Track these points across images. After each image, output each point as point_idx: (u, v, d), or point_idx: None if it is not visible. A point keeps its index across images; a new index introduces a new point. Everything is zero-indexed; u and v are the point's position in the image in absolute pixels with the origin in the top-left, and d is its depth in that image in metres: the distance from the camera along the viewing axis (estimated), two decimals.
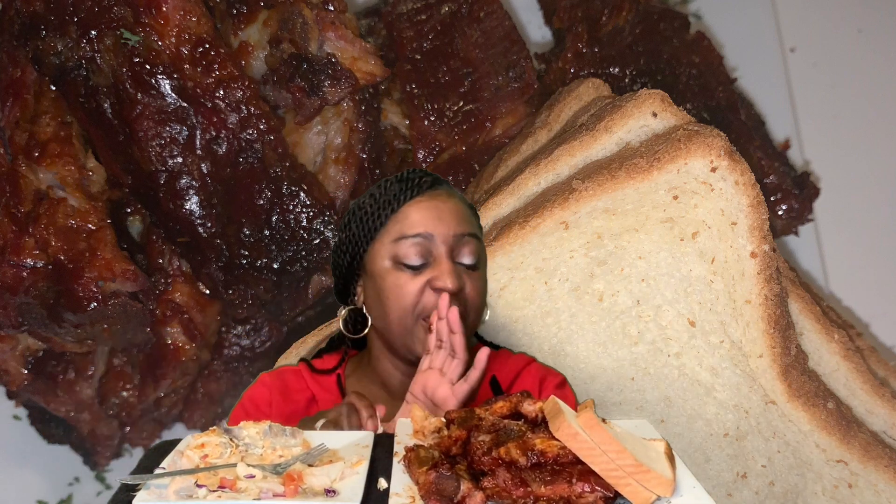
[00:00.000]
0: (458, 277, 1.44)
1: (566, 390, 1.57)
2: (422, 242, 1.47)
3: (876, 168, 2.96)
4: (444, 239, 1.47)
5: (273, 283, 2.25)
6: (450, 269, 1.45)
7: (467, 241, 1.49)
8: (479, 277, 1.51)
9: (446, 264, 1.45)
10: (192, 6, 2.11)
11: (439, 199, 1.51)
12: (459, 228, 1.49)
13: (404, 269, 1.47)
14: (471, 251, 1.49)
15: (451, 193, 1.55)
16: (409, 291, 1.45)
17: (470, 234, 1.50)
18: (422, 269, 1.46)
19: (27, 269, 2.13)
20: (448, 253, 1.47)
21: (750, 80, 2.94)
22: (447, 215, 1.49)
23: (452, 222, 1.49)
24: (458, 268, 1.47)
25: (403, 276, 1.46)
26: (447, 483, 1.00)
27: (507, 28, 2.47)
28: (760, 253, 1.60)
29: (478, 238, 1.52)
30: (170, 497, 1.00)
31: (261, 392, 1.55)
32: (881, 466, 1.69)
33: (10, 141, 2.24)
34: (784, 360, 1.65)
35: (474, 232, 1.52)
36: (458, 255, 1.48)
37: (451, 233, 1.47)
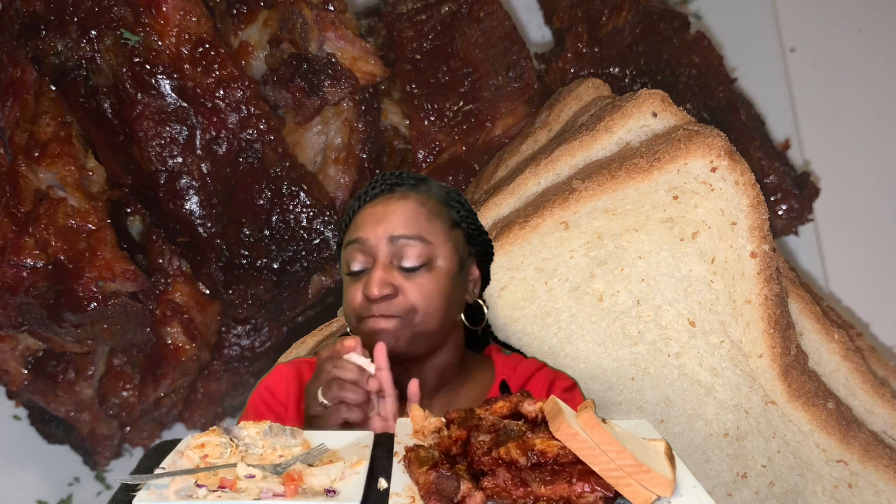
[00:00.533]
0: (383, 285, 1.42)
1: (575, 393, 1.57)
2: (359, 247, 1.48)
3: (876, 168, 2.96)
4: (378, 242, 1.46)
5: (273, 283, 2.25)
6: (378, 276, 1.43)
7: (407, 244, 1.46)
8: (428, 279, 1.46)
9: (376, 272, 1.44)
10: (192, 6, 2.11)
11: (388, 203, 1.50)
12: (399, 231, 1.46)
13: (351, 274, 1.49)
14: (413, 254, 1.46)
15: (406, 195, 1.52)
16: (350, 298, 1.48)
17: (412, 237, 1.46)
18: (363, 275, 1.47)
19: (27, 269, 2.13)
20: (384, 257, 1.46)
21: (750, 80, 2.94)
22: (390, 218, 1.48)
23: (392, 225, 1.47)
24: (395, 273, 1.45)
25: (349, 281, 1.50)
26: (447, 483, 1.00)
27: (507, 28, 2.47)
28: (760, 253, 1.60)
29: (421, 240, 1.47)
30: (170, 497, 1.00)
31: (278, 382, 1.55)
32: (881, 466, 1.69)
33: (10, 141, 2.24)
34: (784, 360, 1.65)
35: (416, 234, 1.47)
36: (399, 258, 1.46)
37: (386, 235, 1.46)
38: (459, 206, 1.58)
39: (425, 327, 1.46)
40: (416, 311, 1.44)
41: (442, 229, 1.51)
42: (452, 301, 1.51)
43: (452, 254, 1.52)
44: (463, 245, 1.56)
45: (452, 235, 1.53)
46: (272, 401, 1.52)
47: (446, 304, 1.49)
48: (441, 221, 1.52)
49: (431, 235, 1.49)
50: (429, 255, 1.47)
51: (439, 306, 1.47)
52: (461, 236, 1.56)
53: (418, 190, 1.54)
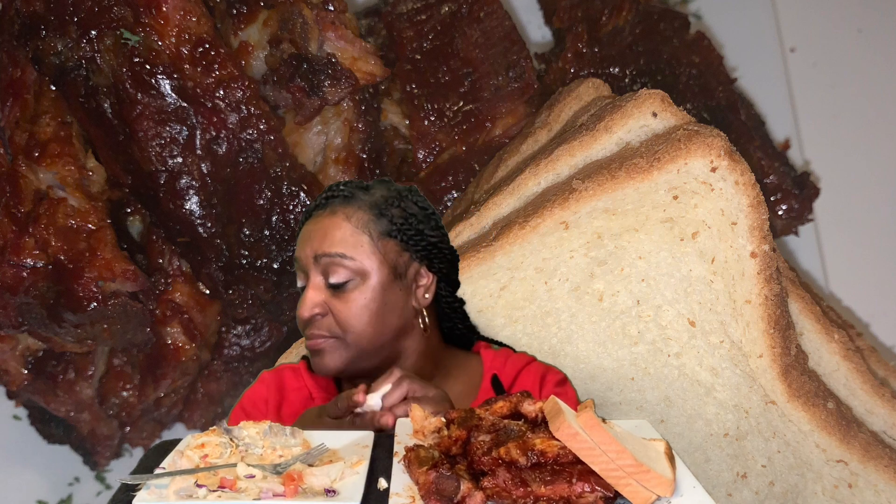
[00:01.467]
0: (311, 306, 1.45)
1: (567, 388, 1.57)
2: (297, 265, 1.52)
3: (876, 168, 2.96)
4: (307, 262, 1.49)
5: (273, 283, 2.25)
6: (308, 296, 1.46)
7: (330, 262, 1.46)
8: (355, 295, 1.46)
9: (308, 291, 1.48)
10: (192, 6, 2.11)
11: (318, 220, 1.52)
12: (322, 249, 1.47)
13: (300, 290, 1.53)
14: (336, 271, 1.46)
15: (334, 211, 1.51)
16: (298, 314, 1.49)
17: (333, 255, 1.46)
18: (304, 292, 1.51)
19: (27, 269, 2.13)
20: (316, 275, 1.48)
21: (750, 80, 2.94)
22: (315, 235, 1.49)
23: (316, 243, 1.48)
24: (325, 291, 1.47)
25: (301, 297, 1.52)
26: (447, 483, 1.00)
27: (507, 28, 2.47)
28: (760, 253, 1.60)
29: (343, 257, 1.46)
30: (170, 497, 1.00)
31: (259, 390, 1.57)
32: (881, 466, 1.69)
33: (10, 141, 2.24)
34: (784, 360, 1.65)
35: (339, 252, 1.46)
36: (327, 275, 1.47)
37: (311, 254, 1.48)
38: (397, 213, 1.53)
39: (359, 344, 1.47)
40: (346, 328, 1.46)
41: (367, 242, 1.49)
42: (388, 312, 1.49)
43: (381, 265, 1.49)
44: (398, 253, 1.51)
45: (381, 245, 1.50)
46: (252, 410, 1.54)
47: (379, 318, 1.48)
48: (367, 233, 1.49)
49: (354, 250, 1.47)
50: (354, 271, 1.46)
51: (369, 321, 1.47)
52: (394, 245, 1.51)
53: (348, 203, 1.52)
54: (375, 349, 1.49)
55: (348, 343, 1.46)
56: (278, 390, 1.56)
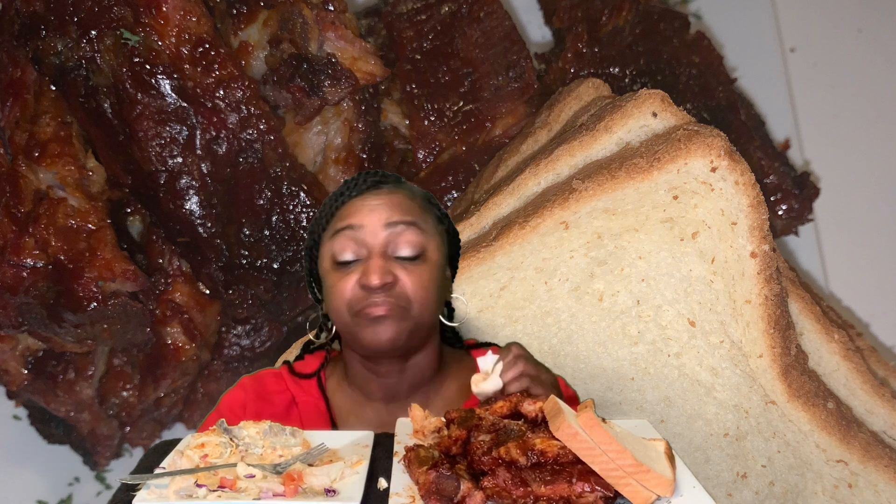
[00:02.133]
0: (384, 273, 1.39)
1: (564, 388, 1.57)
2: (352, 235, 1.44)
3: (876, 168, 2.96)
4: (373, 229, 1.43)
5: (273, 283, 2.25)
6: (377, 264, 1.40)
7: (402, 231, 1.43)
8: (423, 269, 1.44)
9: (374, 260, 1.41)
10: (192, 6, 2.11)
11: (378, 194, 1.48)
12: (393, 217, 1.43)
13: (339, 267, 1.45)
14: (408, 241, 1.43)
15: (395, 188, 1.50)
16: (343, 289, 1.42)
17: (406, 223, 1.44)
18: (355, 266, 1.43)
19: (27, 269, 2.13)
20: (380, 245, 1.42)
21: (750, 80, 2.94)
22: (381, 207, 1.45)
23: (386, 212, 1.44)
24: (392, 262, 1.42)
25: (338, 274, 1.44)
26: (447, 483, 1.00)
27: (507, 28, 2.47)
28: (760, 253, 1.60)
29: (417, 227, 1.45)
30: (170, 497, 1.00)
31: (237, 395, 1.53)
32: (881, 466, 1.69)
33: (10, 141, 2.24)
34: (784, 360, 1.65)
35: (412, 220, 1.45)
36: (394, 247, 1.43)
37: (381, 222, 1.43)
38: (438, 206, 1.58)
39: (421, 319, 1.43)
40: (412, 301, 1.41)
41: (432, 222, 1.51)
42: (440, 294, 1.50)
43: (440, 247, 1.51)
44: (444, 242, 1.55)
45: (439, 230, 1.53)
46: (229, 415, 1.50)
47: (437, 297, 1.47)
48: (429, 215, 1.52)
49: (425, 224, 1.48)
50: (423, 245, 1.45)
51: (432, 298, 1.45)
52: (444, 233, 1.55)
53: (404, 185, 1.54)
54: (426, 329, 1.47)
55: (409, 317, 1.41)
56: (258, 395, 1.52)
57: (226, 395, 1.55)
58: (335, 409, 1.53)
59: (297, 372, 1.57)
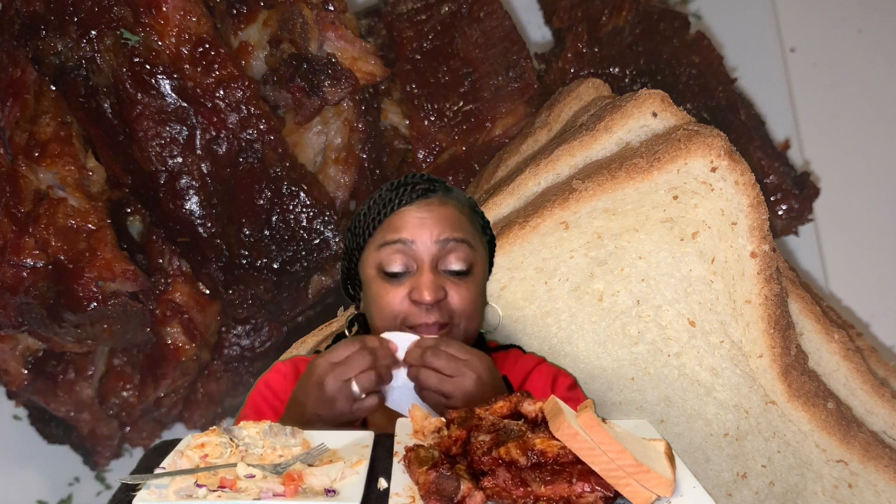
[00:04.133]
0: (436, 289, 1.40)
1: (577, 392, 1.57)
2: (402, 248, 1.44)
3: (876, 168, 2.96)
4: (425, 245, 1.44)
5: (273, 283, 2.25)
6: (429, 280, 1.41)
7: (454, 247, 1.44)
8: (471, 285, 1.46)
9: (426, 275, 1.42)
10: (192, 6, 2.11)
11: (429, 207, 1.48)
12: (445, 233, 1.44)
13: (387, 277, 1.45)
14: (459, 258, 1.44)
15: (445, 200, 1.50)
16: (390, 302, 1.43)
17: (457, 240, 1.45)
18: (403, 278, 1.44)
19: (27, 269, 2.13)
20: (431, 260, 1.43)
21: (750, 80, 2.94)
22: (432, 221, 1.45)
23: (437, 228, 1.45)
24: (441, 277, 1.43)
25: (386, 285, 1.45)
26: (447, 483, 1.00)
27: (507, 28, 2.47)
28: (760, 253, 1.60)
29: (468, 244, 1.47)
30: (170, 497, 1.00)
31: (277, 379, 1.54)
32: (881, 466, 1.69)
33: (10, 141, 2.24)
34: (784, 360, 1.65)
35: (463, 237, 1.46)
36: (445, 262, 1.44)
37: (433, 238, 1.44)
38: (481, 214, 1.60)
39: (466, 334, 1.46)
40: (459, 316, 1.44)
41: (478, 235, 1.53)
42: (482, 307, 1.53)
43: (485, 260, 1.54)
44: (488, 252, 1.58)
45: (484, 242, 1.56)
46: (273, 398, 1.51)
47: (481, 311, 1.51)
48: (475, 228, 1.53)
49: (473, 240, 1.49)
50: (472, 261, 1.47)
51: (477, 311, 1.48)
52: (487, 244, 1.58)
53: (453, 195, 1.53)
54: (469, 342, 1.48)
55: (457, 335, 1.43)
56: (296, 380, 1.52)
57: (264, 378, 1.55)
58: None
59: None
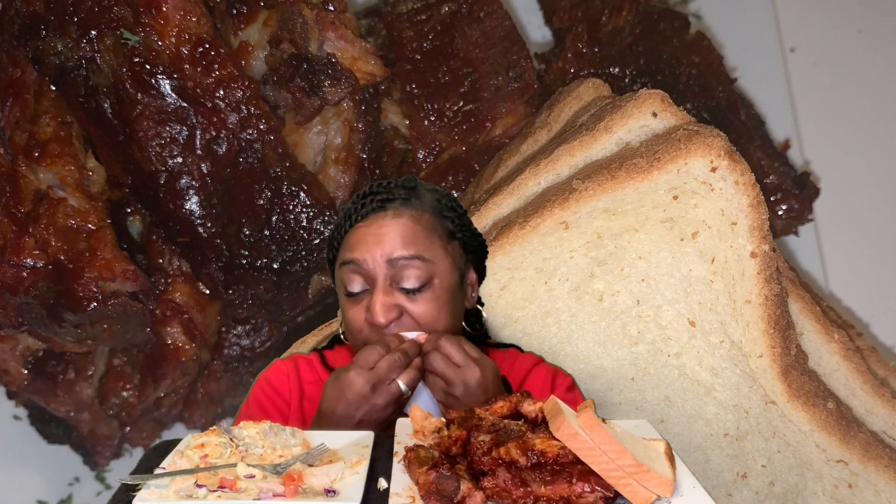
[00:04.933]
0: (388, 310, 1.40)
1: (576, 393, 1.57)
2: (355, 269, 1.44)
3: (876, 168, 2.96)
4: (377, 263, 1.43)
5: (273, 283, 2.25)
6: (380, 301, 1.41)
7: (405, 265, 1.42)
8: (428, 297, 1.44)
9: (377, 296, 1.42)
10: (192, 6, 2.11)
11: (380, 223, 1.46)
12: (396, 251, 1.43)
13: (349, 296, 1.47)
14: (413, 275, 1.42)
15: (400, 212, 1.47)
16: (354, 319, 1.45)
17: (408, 257, 1.43)
18: (363, 296, 1.45)
19: (27, 269, 2.13)
20: (383, 279, 1.43)
21: (750, 80, 2.94)
22: (385, 238, 1.44)
23: (388, 246, 1.43)
24: (396, 295, 1.42)
25: (350, 303, 1.47)
26: (447, 483, 1.00)
27: (507, 28, 2.47)
28: (760, 253, 1.60)
29: (420, 259, 1.43)
30: (170, 497, 1.00)
31: (278, 376, 1.54)
32: (881, 466, 1.69)
33: (10, 141, 2.23)
34: (784, 360, 1.65)
35: (415, 254, 1.43)
36: (398, 279, 1.43)
37: (385, 258, 1.43)
38: (453, 214, 1.54)
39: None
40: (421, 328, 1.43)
41: (439, 244, 1.48)
42: (454, 314, 1.49)
43: (451, 268, 1.49)
44: (460, 255, 1.53)
45: (450, 249, 1.50)
46: (275, 396, 1.51)
47: (450, 320, 1.47)
48: (437, 236, 1.48)
49: (430, 253, 1.45)
50: (429, 274, 1.44)
51: (444, 323, 1.45)
52: (458, 246, 1.53)
53: (411, 205, 1.49)
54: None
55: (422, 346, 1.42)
56: (297, 379, 1.53)
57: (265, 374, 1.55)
58: None
59: (329, 365, 1.57)
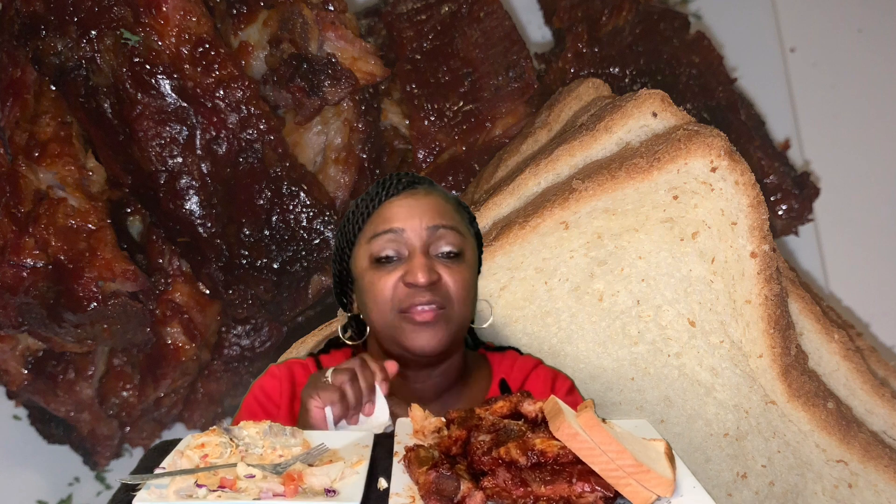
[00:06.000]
0: (429, 271, 1.42)
1: (576, 396, 1.57)
2: (393, 238, 1.47)
3: (876, 168, 2.96)
4: (415, 232, 1.46)
5: (273, 283, 2.25)
6: (421, 262, 1.43)
7: (444, 234, 1.47)
8: (463, 268, 1.48)
9: (418, 258, 1.44)
10: (192, 6, 2.11)
11: (414, 196, 1.51)
12: (433, 220, 1.47)
13: (379, 265, 1.47)
14: (448, 241, 1.47)
15: (430, 191, 1.54)
16: (384, 287, 1.45)
17: (446, 226, 1.48)
18: (396, 264, 1.46)
19: (27, 269, 2.13)
20: (422, 246, 1.46)
21: (750, 80, 2.95)
22: (420, 210, 1.48)
23: (426, 216, 1.48)
24: (434, 260, 1.45)
25: (379, 272, 1.47)
26: (447, 483, 1.00)
27: (507, 28, 2.47)
28: (760, 253, 1.60)
29: (457, 231, 1.49)
30: (170, 497, 1.00)
31: (272, 383, 1.54)
32: (881, 466, 1.69)
33: (10, 141, 2.24)
34: (784, 360, 1.65)
35: (452, 225, 1.49)
36: (436, 246, 1.47)
37: (423, 225, 1.46)
38: (468, 209, 1.62)
39: (461, 321, 1.48)
40: (454, 301, 1.45)
41: (466, 224, 1.56)
42: (473, 301, 1.54)
43: (475, 248, 1.57)
44: (475, 250, 1.59)
45: (472, 233, 1.58)
46: (266, 401, 1.51)
47: (474, 297, 1.53)
48: (463, 218, 1.56)
49: (461, 227, 1.52)
50: (462, 245, 1.49)
51: (471, 297, 1.50)
52: (473, 242, 1.59)
53: (436, 188, 1.57)
54: (463, 332, 1.51)
55: (454, 316, 1.45)
56: (291, 384, 1.54)
57: (259, 381, 1.55)
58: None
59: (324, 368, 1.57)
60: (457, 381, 1.56)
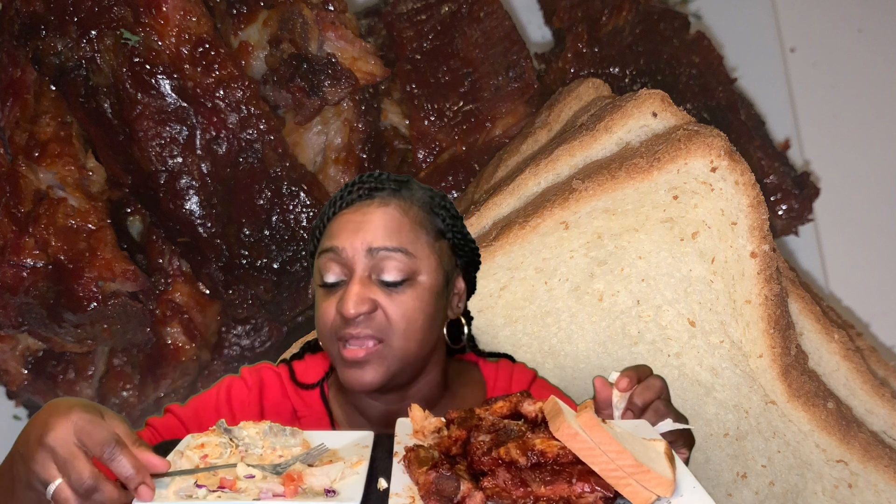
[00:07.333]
0: (360, 302, 1.29)
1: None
2: (334, 258, 1.34)
3: (876, 168, 2.96)
4: (357, 253, 1.33)
5: (273, 283, 2.25)
6: (354, 291, 1.30)
7: (387, 256, 1.32)
8: (409, 296, 1.33)
9: (352, 285, 1.31)
10: (192, 6, 2.11)
11: (365, 211, 1.36)
12: (377, 242, 1.32)
13: (324, 287, 1.36)
14: (395, 267, 1.32)
15: (387, 201, 1.37)
16: (325, 312, 1.34)
17: (390, 249, 1.32)
18: (338, 288, 1.34)
19: (27, 269, 2.13)
20: (363, 270, 1.32)
21: (750, 80, 2.95)
22: (368, 226, 1.34)
23: (370, 234, 1.33)
24: (373, 288, 1.32)
25: (323, 294, 1.36)
26: (447, 483, 1.00)
27: (507, 28, 2.47)
28: (760, 253, 1.60)
29: (405, 252, 1.33)
30: (169, 497, 1.00)
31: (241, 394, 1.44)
32: (881, 466, 1.69)
33: (10, 141, 2.24)
34: (784, 360, 1.65)
35: (399, 246, 1.33)
36: (377, 271, 1.32)
37: (363, 247, 1.32)
38: (444, 213, 1.44)
39: (405, 354, 1.33)
40: (394, 331, 1.31)
41: (426, 240, 1.38)
42: (434, 320, 1.38)
43: (437, 268, 1.38)
44: (448, 257, 1.42)
45: (437, 247, 1.40)
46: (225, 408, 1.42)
47: (428, 324, 1.36)
48: (425, 231, 1.38)
49: (414, 247, 1.35)
50: (411, 270, 1.33)
51: (420, 326, 1.34)
52: (446, 247, 1.42)
53: (400, 196, 1.39)
54: (415, 361, 1.37)
55: (392, 351, 1.32)
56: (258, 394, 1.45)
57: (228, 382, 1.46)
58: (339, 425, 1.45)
59: (298, 381, 1.48)
60: (439, 398, 1.46)
